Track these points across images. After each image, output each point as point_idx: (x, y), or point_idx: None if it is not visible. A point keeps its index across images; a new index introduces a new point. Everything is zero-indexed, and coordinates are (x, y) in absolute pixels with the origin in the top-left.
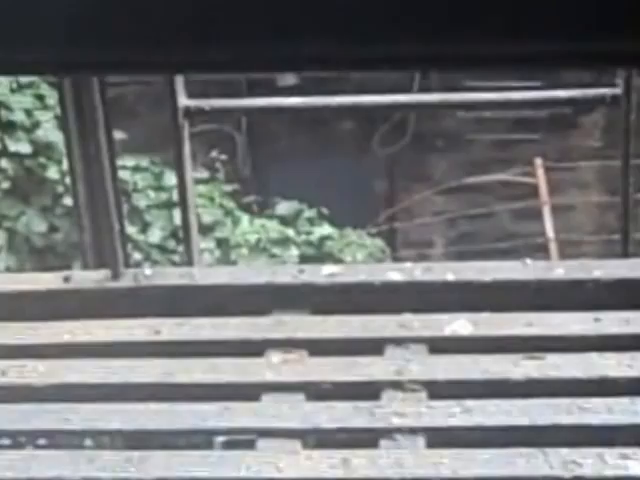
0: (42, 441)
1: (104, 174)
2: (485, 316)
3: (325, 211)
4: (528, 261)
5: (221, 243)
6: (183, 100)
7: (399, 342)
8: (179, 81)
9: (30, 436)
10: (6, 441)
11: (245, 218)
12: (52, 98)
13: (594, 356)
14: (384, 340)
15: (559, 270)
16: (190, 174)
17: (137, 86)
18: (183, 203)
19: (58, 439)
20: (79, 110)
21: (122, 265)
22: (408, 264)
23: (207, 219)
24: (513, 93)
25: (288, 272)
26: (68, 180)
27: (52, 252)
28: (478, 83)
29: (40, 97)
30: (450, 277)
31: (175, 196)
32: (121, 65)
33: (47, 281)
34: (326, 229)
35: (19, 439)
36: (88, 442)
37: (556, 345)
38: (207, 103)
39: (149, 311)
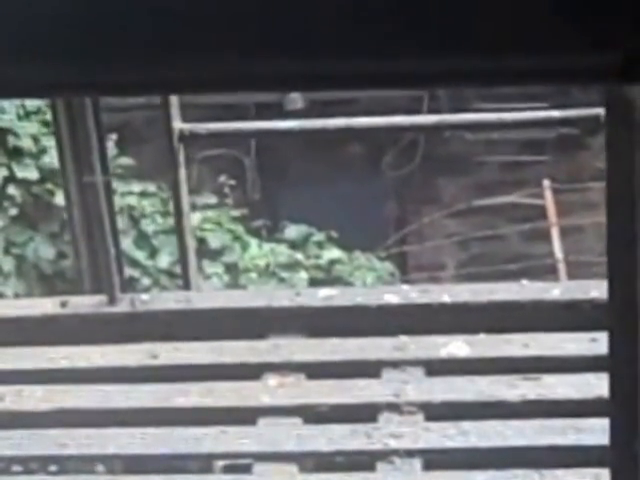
0: (36, 466)
1: (99, 199)
2: (481, 337)
3: (334, 234)
4: (524, 282)
5: (230, 268)
6: (178, 124)
7: (396, 364)
8: (174, 105)
9: (26, 462)
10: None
11: (254, 242)
12: None
13: (590, 377)
14: (381, 362)
15: (555, 291)
16: (187, 198)
17: (144, 112)
18: (179, 227)
19: (55, 464)
20: (73, 136)
21: (119, 290)
22: (404, 286)
23: (215, 244)
24: (520, 113)
25: (285, 295)
26: None
27: (61, 278)
28: (486, 105)
29: (46, 123)
30: (446, 299)
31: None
32: (108, 86)
33: (44, 306)
34: (335, 252)
35: (15, 465)
36: (85, 467)
37: (552, 366)
38: (203, 127)
39: (146, 336)
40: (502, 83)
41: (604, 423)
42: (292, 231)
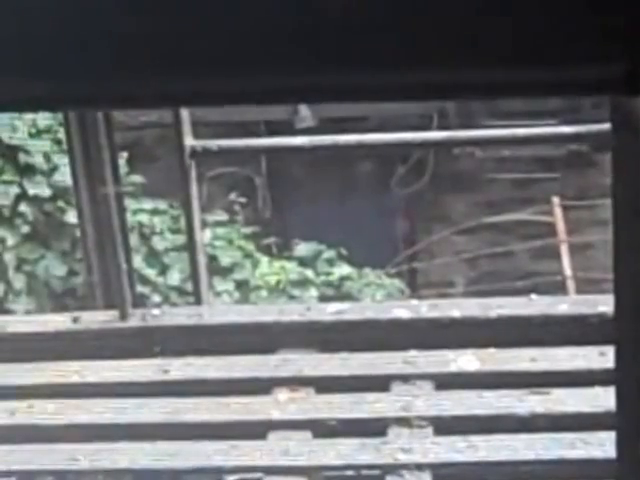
0: None
1: (111, 215)
2: (490, 352)
3: (344, 252)
4: (533, 297)
5: (240, 285)
6: (189, 141)
7: (405, 379)
8: (186, 122)
9: (39, 476)
10: None
11: (264, 260)
12: None
13: (599, 390)
14: (390, 377)
15: (563, 306)
16: (198, 215)
17: (155, 130)
18: (191, 243)
19: (67, 479)
20: (86, 151)
21: (130, 305)
22: (414, 301)
23: (226, 261)
24: (529, 129)
25: (295, 310)
26: None
27: (72, 295)
28: (495, 122)
29: (58, 141)
30: (455, 314)
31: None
32: (121, 99)
33: (56, 322)
34: (345, 269)
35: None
36: None
37: (561, 380)
38: (214, 143)
39: (157, 351)
40: (506, 95)
41: (613, 436)
42: (302, 248)
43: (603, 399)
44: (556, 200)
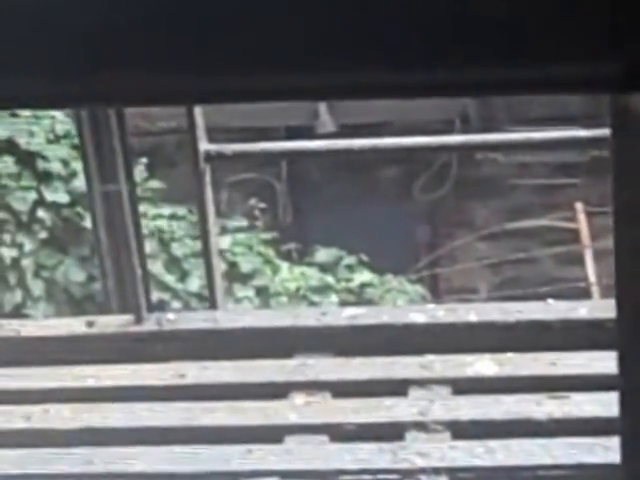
0: None
1: (125, 219)
2: (509, 356)
3: (365, 258)
4: (551, 301)
5: (260, 291)
6: (204, 145)
7: (422, 383)
8: (200, 127)
9: None
10: None
11: (284, 266)
12: None
13: (617, 395)
14: (407, 381)
15: (582, 310)
16: (213, 219)
17: (175, 136)
18: (206, 248)
19: None
20: (100, 155)
21: (145, 309)
22: (430, 305)
23: (246, 267)
24: (551, 133)
25: (311, 315)
26: None
27: (90, 301)
28: (517, 128)
29: (76, 147)
30: (473, 318)
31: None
32: (137, 96)
33: (71, 326)
34: (366, 275)
35: None
36: None
37: (579, 384)
38: (228, 148)
39: (173, 355)
40: (505, 93)
41: None
42: (323, 254)
43: None
44: (579, 206)
